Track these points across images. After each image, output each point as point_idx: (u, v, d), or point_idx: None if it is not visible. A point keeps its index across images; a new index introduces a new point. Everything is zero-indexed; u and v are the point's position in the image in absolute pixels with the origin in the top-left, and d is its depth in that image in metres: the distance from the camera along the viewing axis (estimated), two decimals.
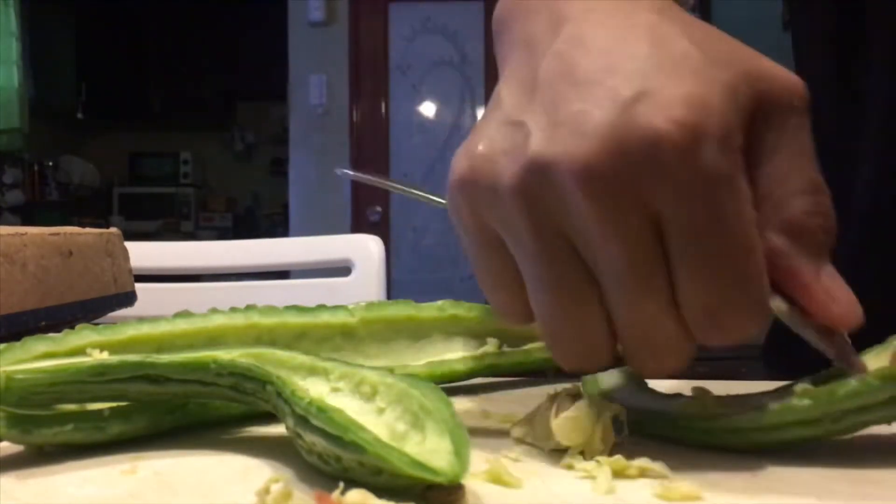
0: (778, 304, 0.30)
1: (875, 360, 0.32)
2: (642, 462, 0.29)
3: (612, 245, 0.28)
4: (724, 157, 0.27)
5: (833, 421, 0.30)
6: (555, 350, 0.31)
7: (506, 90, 0.32)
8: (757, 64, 0.30)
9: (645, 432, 0.33)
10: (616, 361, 0.31)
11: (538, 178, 0.28)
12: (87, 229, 0.56)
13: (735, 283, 0.28)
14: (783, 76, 0.31)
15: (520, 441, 0.34)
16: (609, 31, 0.30)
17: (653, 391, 0.34)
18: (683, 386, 0.35)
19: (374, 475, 0.27)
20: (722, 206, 0.28)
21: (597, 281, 0.29)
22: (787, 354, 0.54)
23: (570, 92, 0.29)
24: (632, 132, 0.27)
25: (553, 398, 0.33)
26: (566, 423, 0.31)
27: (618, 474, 0.29)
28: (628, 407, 0.32)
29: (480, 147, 0.31)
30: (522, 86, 0.31)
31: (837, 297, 0.30)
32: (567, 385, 0.33)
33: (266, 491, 0.25)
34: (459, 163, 0.31)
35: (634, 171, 0.27)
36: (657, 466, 0.29)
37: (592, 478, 0.29)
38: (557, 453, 0.31)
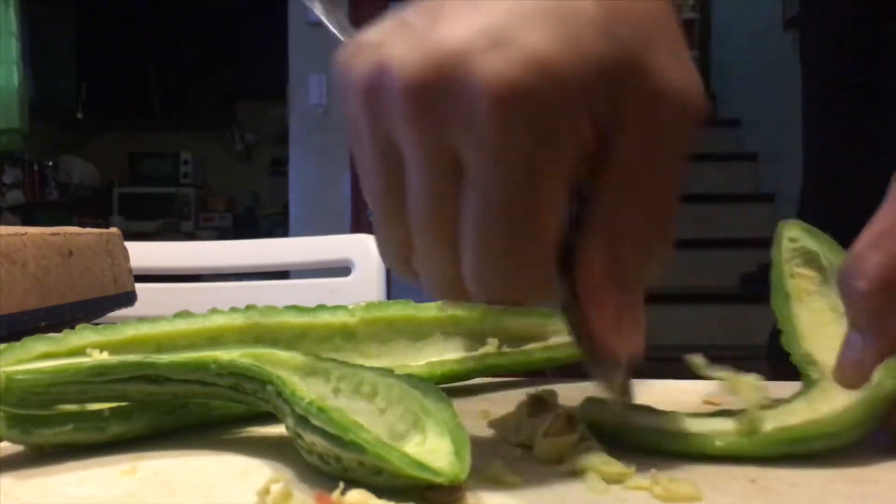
0: (565, 303, 0.30)
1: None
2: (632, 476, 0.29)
3: (415, 167, 0.27)
4: (539, 130, 0.25)
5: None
6: None
7: None
8: (645, 58, 0.26)
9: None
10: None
11: (378, 80, 0.27)
12: (87, 229, 0.56)
13: (509, 258, 0.27)
14: (665, 81, 0.26)
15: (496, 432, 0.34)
16: None
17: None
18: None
19: (374, 475, 0.27)
20: (514, 177, 0.26)
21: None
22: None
23: (449, 5, 0.27)
24: (461, 70, 0.25)
25: (533, 402, 0.33)
26: (555, 446, 0.31)
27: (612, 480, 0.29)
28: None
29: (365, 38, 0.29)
30: None
31: (623, 331, 0.29)
32: (563, 401, 0.33)
33: (266, 491, 0.25)
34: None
35: (447, 110, 0.26)
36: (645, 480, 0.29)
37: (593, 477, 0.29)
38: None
